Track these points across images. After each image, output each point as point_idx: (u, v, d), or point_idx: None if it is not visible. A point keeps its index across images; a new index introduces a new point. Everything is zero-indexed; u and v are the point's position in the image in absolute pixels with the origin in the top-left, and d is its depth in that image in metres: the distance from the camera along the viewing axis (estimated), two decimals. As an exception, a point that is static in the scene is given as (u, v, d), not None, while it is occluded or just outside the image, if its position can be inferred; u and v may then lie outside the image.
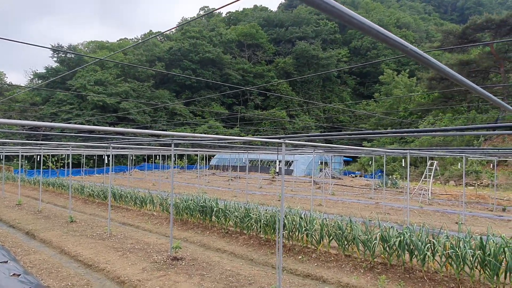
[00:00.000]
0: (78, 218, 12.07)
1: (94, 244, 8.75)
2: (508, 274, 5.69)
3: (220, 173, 41.23)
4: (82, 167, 27.69)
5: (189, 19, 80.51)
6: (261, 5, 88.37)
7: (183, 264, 7.25)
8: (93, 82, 46.20)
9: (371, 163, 32.21)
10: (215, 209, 10.11)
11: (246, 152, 19.14)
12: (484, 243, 5.96)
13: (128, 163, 33.69)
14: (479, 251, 5.93)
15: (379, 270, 6.78)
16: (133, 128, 37.53)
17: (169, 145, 15.49)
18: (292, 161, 38.24)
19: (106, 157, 10.69)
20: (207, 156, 41.55)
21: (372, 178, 28.55)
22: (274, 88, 60.55)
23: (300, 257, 7.71)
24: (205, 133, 39.31)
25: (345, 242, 7.53)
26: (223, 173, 40.88)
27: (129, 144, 11.86)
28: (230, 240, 9.18)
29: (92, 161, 39.67)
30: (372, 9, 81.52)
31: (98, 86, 46.12)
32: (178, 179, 31.09)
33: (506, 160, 25.78)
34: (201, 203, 10.54)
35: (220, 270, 6.90)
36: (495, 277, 5.75)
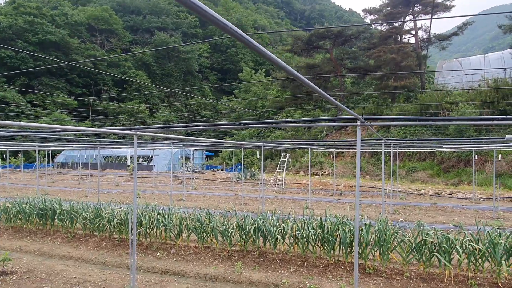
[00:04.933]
0: None
1: None
2: (341, 247, 6.59)
3: (68, 171, 36.67)
4: None
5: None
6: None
7: (14, 278, 6.09)
8: None
9: (231, 157, 33.60)
10: (58, 211, 8.82)
11: (98, 147, 17.44)
12: (323, 223, 6.77)
13: None
14: (319, 230, 6.71)
15: (237, 257, 7.01)
16: None
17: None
18: (152, 156, 36.79)
19: None
20: (51, 152, 36.31)
21: (232, 171, 29.80)
22: (132, 80, 57.04)
23: (158, 254, 7.38)
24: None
25: (204, 234, 7.55)
26: (72, 171, 36.49)
27: None
28: (77, 245, 8.16)
29: None
30: (231, 8, 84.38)
31: None
32: (12, 180, 26.24)
33: (343, 152, 30.39)
34: (41, 205, 9.06)
35: (63, 279, 6.03)
36: (331, 251, 6.60)
